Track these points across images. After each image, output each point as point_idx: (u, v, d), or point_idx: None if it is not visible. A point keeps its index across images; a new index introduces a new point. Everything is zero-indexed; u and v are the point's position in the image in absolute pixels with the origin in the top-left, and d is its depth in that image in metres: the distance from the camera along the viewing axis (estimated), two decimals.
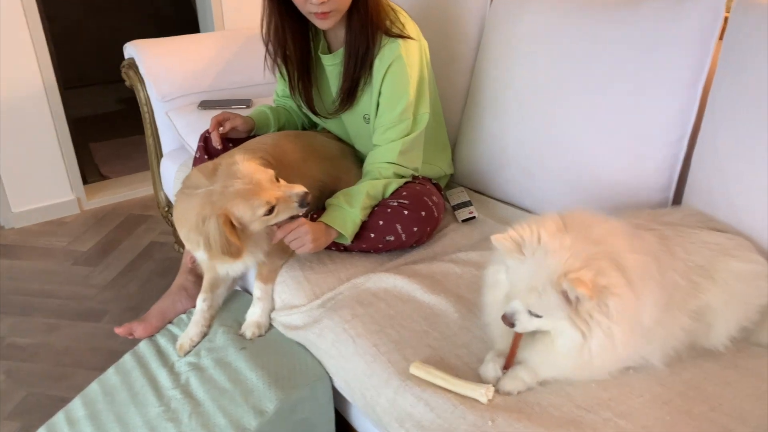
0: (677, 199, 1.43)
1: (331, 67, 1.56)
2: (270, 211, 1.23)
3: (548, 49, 1.56)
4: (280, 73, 1.61)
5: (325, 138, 1.70)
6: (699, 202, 1.32)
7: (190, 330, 1.46)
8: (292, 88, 1.62)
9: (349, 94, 1.52)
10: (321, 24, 1.43)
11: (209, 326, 1.48)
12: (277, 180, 1.27)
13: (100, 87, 4.43)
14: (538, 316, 0.98)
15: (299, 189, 1.26)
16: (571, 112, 1.50)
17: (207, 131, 1.65)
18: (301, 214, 1.29)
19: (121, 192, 2.96)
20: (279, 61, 1.56)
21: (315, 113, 1.64)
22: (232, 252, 1.22)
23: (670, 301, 1.05)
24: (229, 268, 1.37)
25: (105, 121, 3.98)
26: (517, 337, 1.06)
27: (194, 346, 1.45)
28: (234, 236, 1.21)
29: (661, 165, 1.40)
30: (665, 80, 1.36)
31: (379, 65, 1.46)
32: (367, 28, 1.42)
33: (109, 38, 3.73)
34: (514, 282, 1.01)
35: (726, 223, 1.24)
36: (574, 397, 1.03)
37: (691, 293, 1.08)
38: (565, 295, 0.93)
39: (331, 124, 1.69)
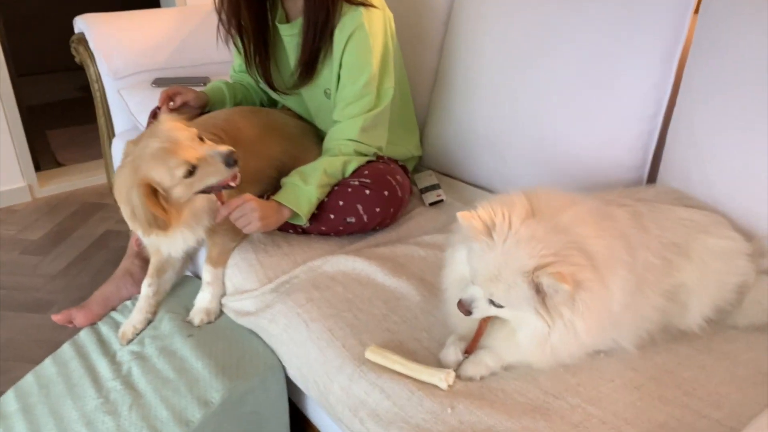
0: (652, 178, 1.37)
1: (289, 37, 1.47)
2: (191, 172, 1.11)
3: (519, 24, 1.49)
4: (234, 44, 1.51)
5: (284, 115, 1.60)
6: (674, 180, 1.26)
7: (133, 317, 1.36)
8: (248, 61, 1.52)
9: (309, 67, 1.43)
10: None
11: (154, 313, 1.37)
12: (201, 140, 1.15)
13: (61, 74, 4.28)
14: (498, 306, 0.91)
15: (224, 147, 1.14)
16: (542, 89, 1.43)
17: (157, 107, 1.55)
18: (228, 176, 1.16)
19: (76, 179, 2.82)
20: (233, 31, 1.46)
21: (273, 88, 1.55)
22: (159, 224, 1.12)
23: (641, 282, 0.98)
24: (170, 247, 1.27)
25: (64, 109, 3.85)
26: (483, 322, 0.98)
27: (137, 334, 1.34)
28: (156, 206, 1.11)
29: (635, 142, 1.34)
30: (639, 55, 1.30)
31: (339, 35, 1.37)
32: None
33: (71, 25, 3.61)
34: (476, 267, 0.92)
35: (702, 201, 1.18)
36: (541, 382, 0.96)
37: (665, 272, 1.02)
38: (536, 288, 0.86)
39: (290, 101, 1.60)
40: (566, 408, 0.91)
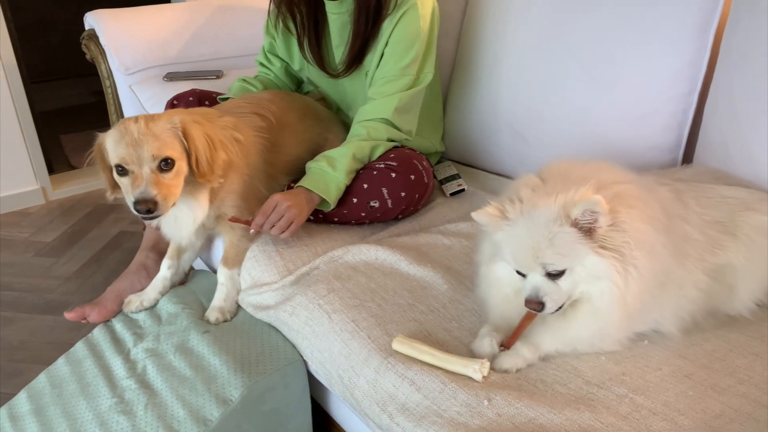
0: (687, 160, 1.30)
1: (336, 15, 1.41)
2: (121, 172, 1.12)
3: (542, 2, 1.42)
4: (286, 26, 1.47)
5: (313, 100, 1.58)
6: (712, 158, 1.19)
7: (146, 293, 1.38)
8: (300, 42, 1.47)
9: (359, 55, 1.39)
10: None
11: (165, 294, 1.39)
12: (168, 163, 1.12)
13: (75, 80, 4.29)
14: (559, 274, 0.84)
15: (153, 191, 1.09)
16: (569, 67, 1.37)
17: (174, 98, 1.51)
18: (134, 207, 1.13)
19: (90, 181, 2.80)
20: (284, 10, 1.43)
21: (324, 70, 1.48)
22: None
23: (681, 253, 0.92)
24: (173, 231, 1.27)
25: (78, 114, 3.87)
26: (525, 319, 0.92)
27: (141, 310, 1.36)
28: (103, 167, 1.17)
29: (670, 122, 1.27)
30: (673, 28, 1.24)
31: (390, 16, 1.33)
32: None
33: (83, 30, 3.61)
34: (514, 253, 0.87)
35: (743, 179, 1.11)
36: (583, 372, 0.90)
37: (708, 249, 0.95)
38: (579, 227, 0.82)
39: (328, 86, 1.55)
40: (612, 398, 0.84)
